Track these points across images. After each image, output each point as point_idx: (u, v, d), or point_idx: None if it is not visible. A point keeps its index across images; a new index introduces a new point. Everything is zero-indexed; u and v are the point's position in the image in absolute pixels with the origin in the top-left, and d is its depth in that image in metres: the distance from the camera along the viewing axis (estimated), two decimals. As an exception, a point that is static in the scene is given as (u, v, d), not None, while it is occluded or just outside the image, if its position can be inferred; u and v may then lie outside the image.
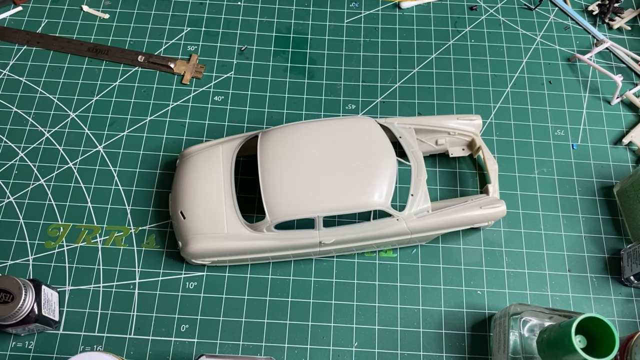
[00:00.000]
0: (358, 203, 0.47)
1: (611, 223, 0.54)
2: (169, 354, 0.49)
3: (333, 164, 0.47)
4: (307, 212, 0.46)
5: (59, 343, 0.49)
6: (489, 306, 0.51)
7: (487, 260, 0.52)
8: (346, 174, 0.47)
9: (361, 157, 0.48)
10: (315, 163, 0.47)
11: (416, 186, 0.49)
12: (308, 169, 0.47)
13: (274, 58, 0.62)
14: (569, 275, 0.52)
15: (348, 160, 0.47)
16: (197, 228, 0.48)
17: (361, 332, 0.50)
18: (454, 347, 0.49)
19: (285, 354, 0.49)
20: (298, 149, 0.48)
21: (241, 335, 0.49)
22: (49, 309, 0.47)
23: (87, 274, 0.51)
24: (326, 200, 0.46)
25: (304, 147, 0.48)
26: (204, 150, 0.52)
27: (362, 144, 0.48)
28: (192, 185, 0.50)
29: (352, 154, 0.48)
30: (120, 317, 0.50)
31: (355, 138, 0.48)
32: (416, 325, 0.50)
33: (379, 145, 0.48)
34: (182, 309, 0.50)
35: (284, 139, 0.49)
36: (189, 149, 0.52)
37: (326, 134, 0.49)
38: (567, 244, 0.54)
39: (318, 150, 0.48)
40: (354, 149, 0.48)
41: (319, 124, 0.50)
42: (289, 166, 0.47)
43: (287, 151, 0.48)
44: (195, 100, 0.59)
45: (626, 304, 0.51)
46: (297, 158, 0.48)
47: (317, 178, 0.47)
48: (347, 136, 0.48)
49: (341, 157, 0.48)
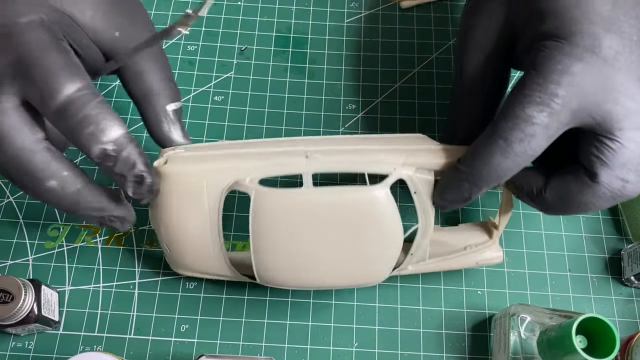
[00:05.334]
0: (353, 282, 0.45)
1: (612, 223, 0.54)
2: (169, 354, 0.49)
3: (333, 239, 0.43)
4: (299, 286, 0.45)
5: (59, 343, 0.49)
6: (490, 306, 0.51)
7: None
8: (346, 250, 0.43)
9: (364, 235, 0.43)
10: (315, 236, 0.43)
11: (418, 247, 0.45)
12: (306, 240, 0.43)
13: (274, 58, 0.62)
14: (569, 275, 0.52)
15: (350, 236, 0.43)
16: (182, 261, 0.46)
17: (361, 332, 0.50)
18: (455, 347, 0.49)
19: (285, 354, 0.49)
20: (298, 217, 0.42)
21: (241, 335, 0.49)
22: (49, 309, 0.47)
23: (86, 274, 0.51)
24: (321, 277, 0.44)
25: (304, 216, 0.42)
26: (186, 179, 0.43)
27: (369, 221, 0.43)
28: (176, 219, 0.43)
29: (356, 230, 0.43)
30: (120, 317, 0.50)
31: (362, 215, 0.42)
32: (416, 325, 0.50)
33: (387, 224, 0.43)
34: (182, 309, 0.50)
35: (284, 205, 0.42)
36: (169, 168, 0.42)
37: (331, 207, 0.42)
38: (568, 244, 0.53)
39: (320, 222, 0.42)
40: (358, 226, 0.43)
41: (326, 194, 0.42)
42: (285, 234, 0.43)
43: (285, 218, 0.42)
44: (195, 100, 0.59)
45: (627, 304, 0.51)
46: (295, 227, 0.42)
47: (315, 252, 0.43)
48: (354, 211, 0.42)
49: (344, 233, 0.43)
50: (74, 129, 0.37)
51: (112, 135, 0.38)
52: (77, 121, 0.37)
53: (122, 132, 0.38)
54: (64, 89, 0.37)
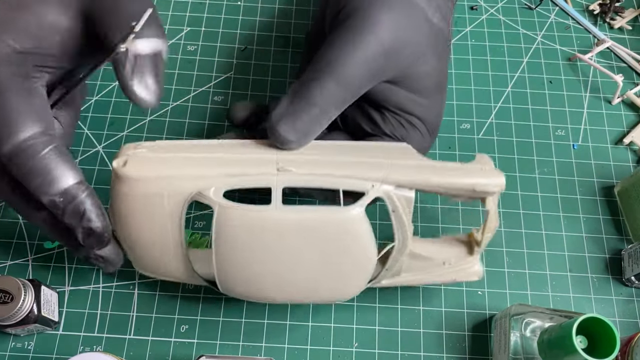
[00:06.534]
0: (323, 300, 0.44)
1: (612, 223, 0.54)
2: (169, 354, 0.48)
3: (302, 258, 0.40)
4: (259, 299, 0.43)
5: (59, 343, 0.48)
6: (490, 306, 0.51)
7: (487, 260, 0.52)
8: (315, 270, 0.41)
9: (335, 255, 0.40)
10: (282, 255, 0.40)
11: (394, 262, 0.43)
12: (272, 259, 0.40)
13: (274, 58, 0.62)
14: (569, 275, 0.52)
15: (320, 255, 0.40)
16: (142, 262, 0.44)
17: (361, 332, 0.50)
18: (455, 347, 0.49)
19: (285, 354, 0.49)
20: (264, 235, 0.39)
21: (241, 336, 0.49)
22: (49, 309, 0.47)
23: (86, 274, 0.51)
24: (290, 295, 0.43)
25: (271, 235, 0.39)
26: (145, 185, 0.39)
27: (341, 242, 0.40)
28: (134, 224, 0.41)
29: (326, 250, 0.40)
30: (120, 318, 0.50)
31: (334, 236, 0.40)
32: (416, 325, 0.50)
33: (360, 245, 0.40)
34: (181, 309, 0.50)
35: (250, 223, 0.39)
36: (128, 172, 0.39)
37: (301, 228, 0.39)
38: (568, 244, 0.53)
39: (288, 241, 0.40)
40: (329, 246, 0.40)
41: (295, 213, 0.39)
42: (250, 253, 0.40)
43: (251, 236, 0.39)
44: (195, 100, 0.59)
45: (627, 305, 0.51)
46: (261, 245, 0.40)
47: (282, 271, 0.41)
48: (326, 232, 0.39)
49: (313, 252, 0.40)
50: (23, 178, 0.37)
51: (60, 186, 0.37)
52: (25, 171, 0.36)
53: (72, 182, 0.37)
54: (14, 136, 0.36)
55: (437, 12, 0.45)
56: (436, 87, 0.46)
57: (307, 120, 0.40)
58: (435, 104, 0.47)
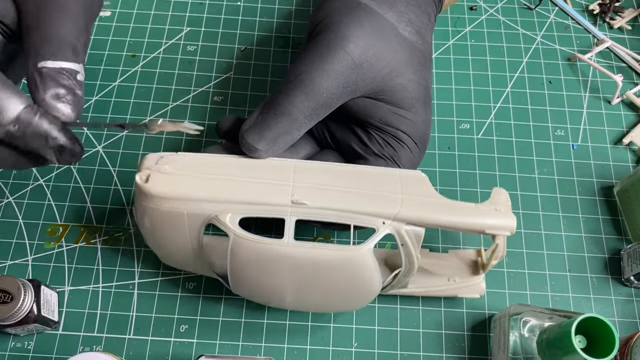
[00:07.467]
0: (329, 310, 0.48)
1: (611, 223, 0.54)
2: (169, 354, 0.48)
3: (310, 286, 0.43)
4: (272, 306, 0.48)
5: (58, 343, 0.49)
6: (489, 306, 0.51)
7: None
8: (322, 294, 0.44)
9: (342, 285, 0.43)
10: (291, 282, 0.43)
11: (399, 282, 0.46)
12: (282, 285, 0.43)
13: (273, 58, 0.62)
14: (569, 275, 0.52)
15: (327, 285, 0.43)
16: (169, 263, 0.49)
17: (361, 332, 0.50)
18: (454, 347, 0.49)
19: (285, 354, 0.49)
20: (275, 266, 0.42)
21: (241, 336, 0.49)
22: (48, 309, 0.47)
23: (86, 274, 0.51)
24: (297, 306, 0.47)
25: (282, 266, 0.42)
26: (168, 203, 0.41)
27: (349, 276, 0.42)
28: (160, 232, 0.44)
29: (334, 282, 0.42)
30: (120, 318, 0.50)
31: (343, 270, 0.42)
32: (416, 325, 0.50)
33: (367, 277, 0.42)
34: (181, 309, 0.50)
35: (263, 255, 0.41)
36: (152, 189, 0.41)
37: (311, 263, 0.41)
38: (567, 244, 0.53)
39: (297, 273, 0.42)
40: (337, 278, 0.42)
41: (306, 250, 0.41)
42: (262, 278, 0.43)
43: (263, 265, 0.42)
44: (195, 101, 0.59)
45: (626, 305, 0.51)
46: (271, 273, 0.42)
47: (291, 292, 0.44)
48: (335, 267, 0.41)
49: (321, 283, 0.43)
50: None
51: (10, 115, 0.35)
52: None
53: (21, 107, 0.35)
54: None
55: (408, 27, 0.47)
56: (418, 99, 0.47)
57: (276, 130, 0.43)
58: (419, 116, 0.47)
